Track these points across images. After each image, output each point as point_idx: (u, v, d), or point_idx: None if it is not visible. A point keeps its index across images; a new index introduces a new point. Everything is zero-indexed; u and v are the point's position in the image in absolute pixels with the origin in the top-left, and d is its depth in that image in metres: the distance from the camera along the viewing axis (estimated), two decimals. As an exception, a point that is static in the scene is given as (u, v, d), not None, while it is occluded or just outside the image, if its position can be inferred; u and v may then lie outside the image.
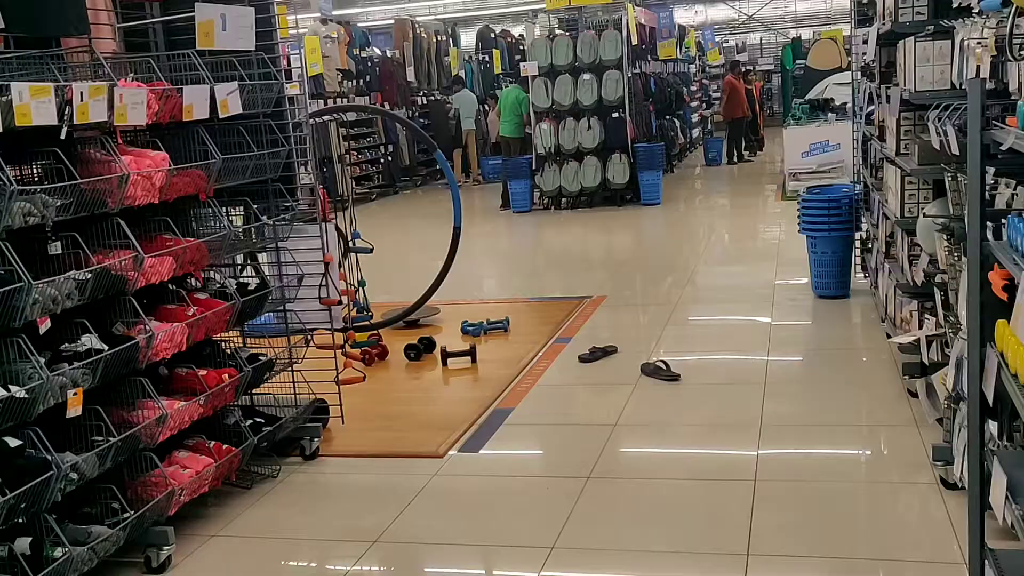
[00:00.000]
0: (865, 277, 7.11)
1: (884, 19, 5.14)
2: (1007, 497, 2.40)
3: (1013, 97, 2.90)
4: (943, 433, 3.88)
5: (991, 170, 3.01)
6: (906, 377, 4.87)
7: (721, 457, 4.38)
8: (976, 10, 2.98)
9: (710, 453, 4.44)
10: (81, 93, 3.21)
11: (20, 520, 3.04)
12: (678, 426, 4.84)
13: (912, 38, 4.27)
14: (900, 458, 4.18)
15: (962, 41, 3.57)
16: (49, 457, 3.08)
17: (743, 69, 19.23)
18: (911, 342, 4.64)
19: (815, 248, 6.95)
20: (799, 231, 7.10)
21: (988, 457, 2.72)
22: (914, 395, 4.69)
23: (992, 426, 2.92)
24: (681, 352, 5.94)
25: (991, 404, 2.74)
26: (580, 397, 5.49)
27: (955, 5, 3.34)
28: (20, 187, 3.05)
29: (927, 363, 4.32)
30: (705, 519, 3.74)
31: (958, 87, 3.72)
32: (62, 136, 3.20)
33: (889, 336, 5.38)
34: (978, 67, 3.13)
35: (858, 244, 7.15)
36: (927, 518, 3.64)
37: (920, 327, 4.52)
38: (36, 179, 3.48)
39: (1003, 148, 2.49)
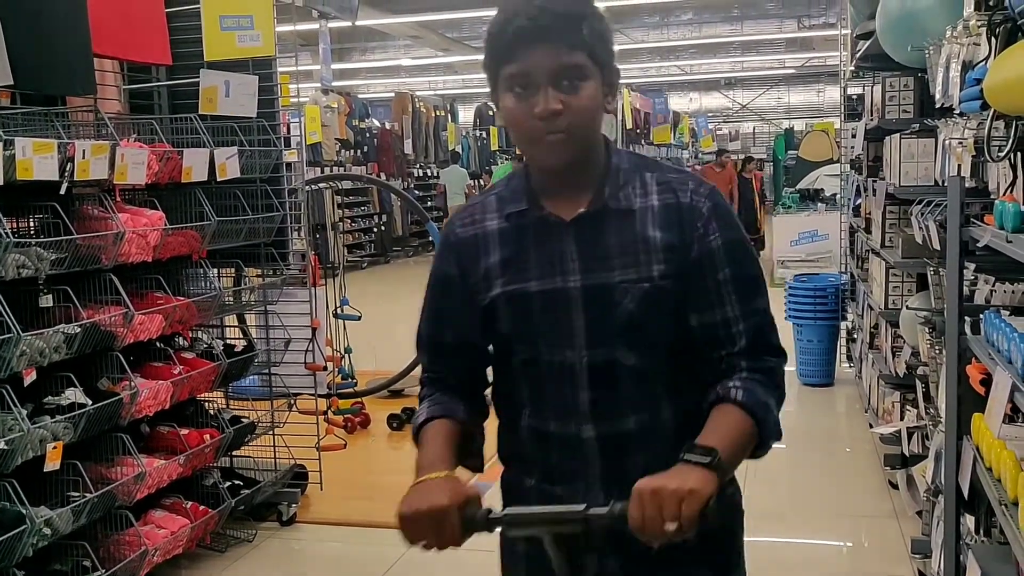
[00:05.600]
0: (850, 366, 7.15)
1: (872, 115, 5.28)
2: (981, 591, 2.40)
3: (992, 196, 2.98)
4: (922, 526, 3.88)
5: (971, 266, 3.07)
6: (888, 468, 4.87)
7: (700, 541, 4.34)
8: (957, 111, 3.07)
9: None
10: (84, 151, 3.27)
11: (-11, 574, 3.00)
12: (658, 508, 4.80)
13: (898, 135, 4.38)
14: (879, 550, 4.17)
15: (944, 140, 3.67)
16: (24, 511, 3.05)
17: (736, 158, 17.57)
18: (893, 433, 4.66)
19: (801, 336, 7.00)
20: (785, 318, 7.15)
21: (963, 551, 2.72)
22: (895, 487, 4.68)
23: (970, 520, 2.92)
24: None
25: (967, 497, 2.75)
26: (561, 474, 5.45)
27: (938, 105, 3.44)
28: (16, 239, 3.08)
29: (908, 455, 4.33)
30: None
31: (940, 184, 3.81)
32: (62, 191, 3.24)
33: (872, 426, 5.39)
34: (959, 166, 3.22)
35: (844, 333, 7.20)
36: (904, 612, 3.62)
37: (902, 418, 4.54)
38: (32, 232, 3.51)
39: (979, 245, 2.56)
